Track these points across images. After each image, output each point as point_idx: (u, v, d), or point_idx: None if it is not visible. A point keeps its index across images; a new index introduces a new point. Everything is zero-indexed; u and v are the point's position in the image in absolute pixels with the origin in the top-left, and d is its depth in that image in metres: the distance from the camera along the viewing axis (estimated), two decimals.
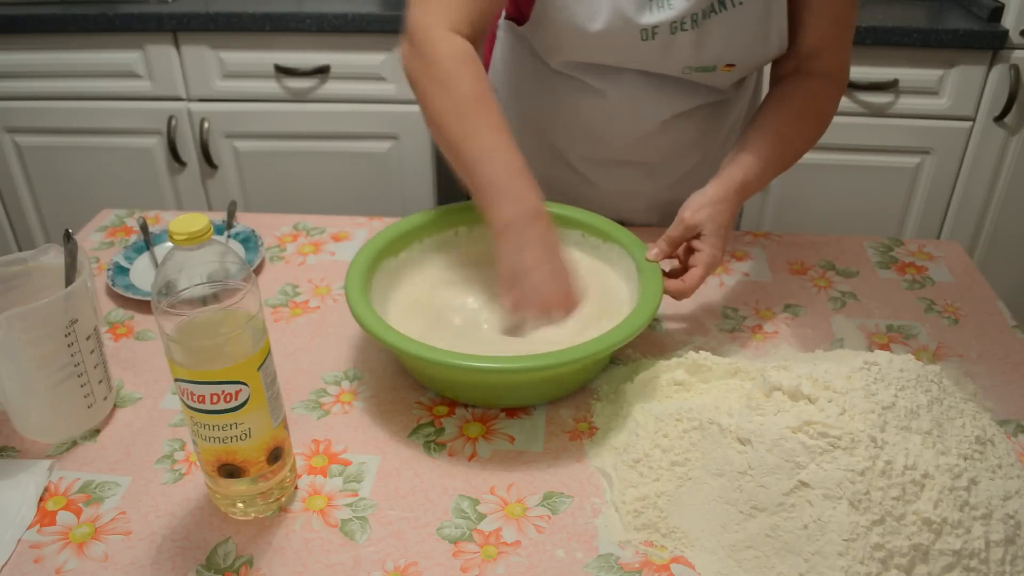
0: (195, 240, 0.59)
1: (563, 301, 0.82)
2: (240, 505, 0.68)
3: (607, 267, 0.92)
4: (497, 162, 0.82)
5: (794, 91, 0.95)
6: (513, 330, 0.83)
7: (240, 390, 0.62)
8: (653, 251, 0.86)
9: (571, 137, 1.08)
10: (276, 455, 0.67)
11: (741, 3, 0.89)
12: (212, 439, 0.64)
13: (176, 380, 0.62)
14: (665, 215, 1.11)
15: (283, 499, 0.70)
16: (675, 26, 0.90)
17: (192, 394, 0.62)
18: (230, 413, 0.63)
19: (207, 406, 0.62)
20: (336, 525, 0.69)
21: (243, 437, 0.64)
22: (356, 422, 0.79)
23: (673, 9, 0.89)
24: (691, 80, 0.98)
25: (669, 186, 1.10)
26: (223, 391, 0.62)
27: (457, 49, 0.85)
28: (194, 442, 0.66)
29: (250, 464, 0.66)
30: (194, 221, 0.59)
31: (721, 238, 0.85)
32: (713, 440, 0.67)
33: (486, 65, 1.14)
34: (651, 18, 0.90)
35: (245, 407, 0.63)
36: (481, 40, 0.91)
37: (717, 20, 0.90)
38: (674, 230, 0.86)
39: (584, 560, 0.65)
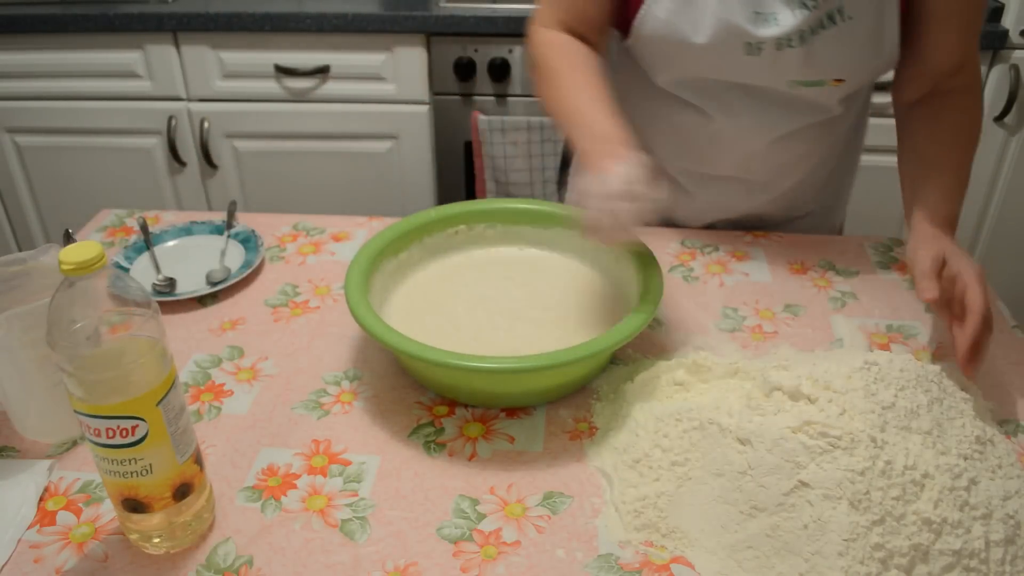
0: (87, 269, 0.55)
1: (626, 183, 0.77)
2: (156, 540, 0.65)
3: (607, 268, 0.92)
4: (585, 116, 0.87)
5: (955, 115, 0.92)
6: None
7: (137, 426, 0.59)
8: (928, 292, 0.79)
9: (673, 154, 1.06)
10: (183, 492, 0.64)
11: (851, 18, 0.87)
12: (112, 472, 0.61)
13: (75, 411, 0.60)
14: (754, 225, 1.12)
15: (202, 530, 0.67)
16: (781, 42, 0.89)
17: (88, 427, 0.59)
18: (128, 448, 0.60)
19: (104, 440, 0.59)
20: (336, 525, 0.69)
21: (144, 472, 0.61)
22: (356, 422, 0.79)
23: (779, 26, 0.87)
24: (798, 97, 0.95)
25: (767, 201, 1.10)
26: (119, 426, 0.59)
27: (547, 39, 0.96)
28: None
29: (154, 500, 0.63)
30: (86, 249, 0.55)
31: (964, 257, 0.81)
32: (713, 440, 0.67)
33: None
34: (757, 33, 0.88)
35: (144, 443, 0.60)
36: (589, 36, 0.97)
37: (826, 35, 0.88)
38: (922, 273, 0.81)
39: (584, 560, 0.65)
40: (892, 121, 1.01)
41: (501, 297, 0.90)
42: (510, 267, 0.95)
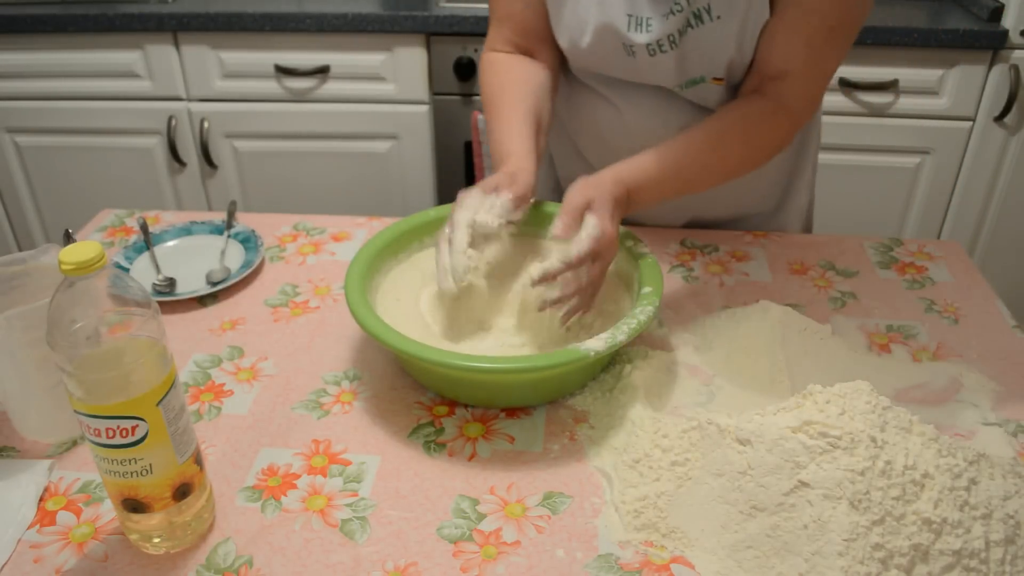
0: (87, 269, 0.55)
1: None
2: (156, 540, 0.65)
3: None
4: (498, 144, 0.93)
5: (735, 109, 0.91)
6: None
7: (137, 425, 0.59)
8: (559, 227, 0.80)
9: (592, 145, 1.09)
10: (183, 491, 0.64)
11: (719, 17, 0.88)
12: (112, 472, 0.61)
13: (75, 411, 0.60)
14: (692, 223, 1.12)
15: (202, 530, 0.67)
16: (652, 48, 0.91)
17: (88, 427, 0.59)
18: (128, 448, 0.60)
19: (103, 440, 0.59)
20: (336, 525, 0.69)
21: (144, 472, 0.61)
22: (356, 422, 0.80)
23: (651, 32, 0.90)
24: (691, 96, 0.97)
25: (701, 204, 1.10)
26: (118, 426, 0.59)
27: (489, 61, 1.02)
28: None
29: (154, 500, 0.63)
30: (86, 249, 0.55)
31: (608, 212, 0.81)
32: (712, 440, 0.67)
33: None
34: (631, 37, 0.91)
35: (144, 443, 0.60)
36: (535, 49, 1.01)
37: (695, 35, 0.90)
38: (564, 209, 0.82)
39: (584, 560, 0.65)
40: (891, 121, 1.01)
41: (501, 296, 0.90)
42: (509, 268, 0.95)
